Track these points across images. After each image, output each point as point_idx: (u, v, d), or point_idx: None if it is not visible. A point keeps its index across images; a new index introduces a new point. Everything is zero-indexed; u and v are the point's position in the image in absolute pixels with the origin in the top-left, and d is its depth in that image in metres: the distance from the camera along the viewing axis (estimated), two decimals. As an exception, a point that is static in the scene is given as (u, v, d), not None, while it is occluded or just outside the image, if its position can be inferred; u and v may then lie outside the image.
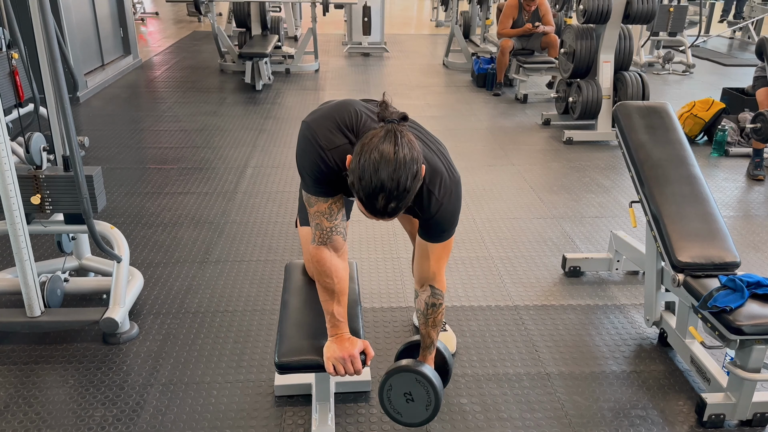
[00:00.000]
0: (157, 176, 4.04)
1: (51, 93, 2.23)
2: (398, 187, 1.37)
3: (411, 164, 1.39)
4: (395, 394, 1.67)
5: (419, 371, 1.65)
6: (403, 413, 1.69)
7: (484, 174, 4.19)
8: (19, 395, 2.09)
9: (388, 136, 1.40)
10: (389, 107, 1.48)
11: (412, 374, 1.65)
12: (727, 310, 1.89)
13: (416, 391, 1.66)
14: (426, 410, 1.67)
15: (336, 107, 1.63)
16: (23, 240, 2.17)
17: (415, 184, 1.41)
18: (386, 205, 1.38)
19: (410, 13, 14.21)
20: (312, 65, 7.44)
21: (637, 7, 4.61)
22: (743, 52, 9.19)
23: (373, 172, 1.36)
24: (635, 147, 2.40)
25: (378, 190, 1.37)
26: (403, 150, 1.38)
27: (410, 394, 1.66)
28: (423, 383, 1.65)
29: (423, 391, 1.65)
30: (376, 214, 1.42)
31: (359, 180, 1.39)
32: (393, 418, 1.71)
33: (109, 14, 6.73)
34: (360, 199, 1.42)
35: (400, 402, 1.68)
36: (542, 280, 2.90)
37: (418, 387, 1.65)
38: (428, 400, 1.66)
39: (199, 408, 2.05)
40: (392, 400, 1.68)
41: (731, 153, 4.69)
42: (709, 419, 2.01)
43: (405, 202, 1.41)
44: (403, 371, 1.65)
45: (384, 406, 1.69)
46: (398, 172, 1.36)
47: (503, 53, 6.26)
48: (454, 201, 1.64)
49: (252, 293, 2.73)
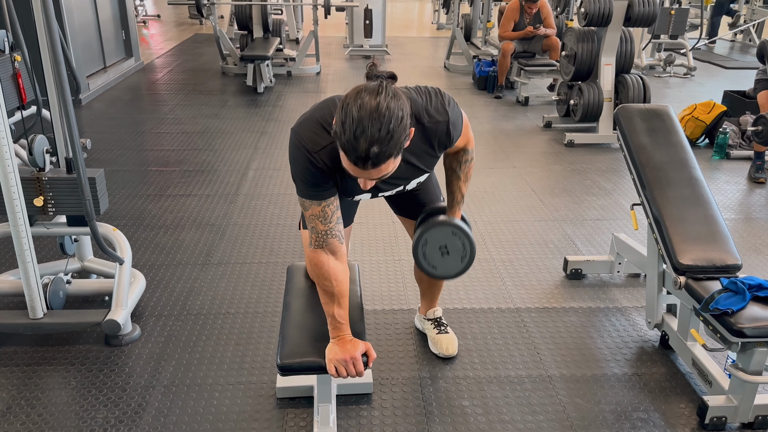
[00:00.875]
0: (158, 178, 4.05)
1: (54, 95, 2.24)
2: (380, 129, 1.36)
3: (395, 110, 1.38)
4: (431, 248, 1.74)
5: (456, 224, 1.73)
6: (438, 266, 1.76)
7: (485, 176, 4.19)
8: (22, 397, 2.09)
9: (371, 87, 1.40)
10: (377, 67, 1.49)
11: (449, 227, 1.73)
12: (729, 312, 1.89)
13: (452, 244, 1.72)
14: (461, 261, 1.74)
15: (317, 107, 1.65)
16: (26, 242, 2.18)
17: (400, 131, 1.39)
18: (369, 148, 1.36)
19: (411, 15, 14.22)
20: (313, 68, 7.45)
21: (639, 10, 4.62)
22: (744, 55, 9.19)
23: (356, 114, 1.36)
24: (637, 150, 2.41)
25: (360, 132, 1.36)
26: (387, 98, 1.38)
27: (446, 248, 1.73)
28: (459, 235, 1.72)
29: (459, 243, 1.72)
30: (360, 161, 1.39)
31: (341, 125, 1.38)
32: (428, 272, 1.77)
33: (111, 17, 6.75)
34: (343, 146, 1.40)
35: (435, 256, 1.75)
36: (543, 282, 2.90)
37: (454, 239, 1.72)
38: (463, 252, 1.72)
39: (201, 410, 2.06)
40: (427, 255, 1.74)
41: (732, 156, 4.69)
42: (711, 422, 2.01)
43: (389, 149, 1.39)
44: (440, 225, 1.72)
45: (419, 261, 1.75)
46: (380, 114, 1.36)
47: (504, 56, 6.26)
48: (454, 107, 1.68)
49: (254, 295, 2.74)
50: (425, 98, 1.65)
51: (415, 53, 9.00)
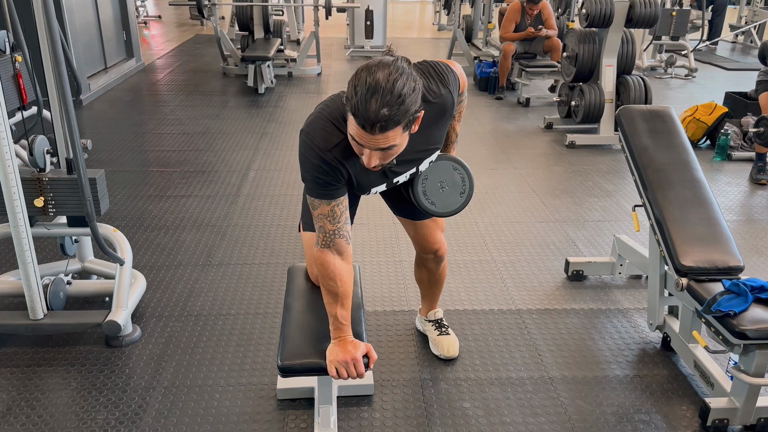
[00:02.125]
0: (159, 179, 4.04)
1: (55, 96, 2.24)
2: (393, 92, 1.37)
3: (408, 80, 1.41)
4: (430, 184, 1.75)
5: (455, 158, 1.76)
6: (437, 203, 1.77)
7: (486, 178, 4.19)
8: (22, 398, 2.09)
9: (387, 59, 1.44)
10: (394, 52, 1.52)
11: (448, 162, 1.75)
12: (731, 314, 1.88)
13: (450, 179, 1.74)
14: (460, 197, 1.77)
15: (325, 105, 1.65)
16: (26, 242, 2.17)
17: (411, 98, 1.41)
18: (379, 110, 1.37)
19: (412, 16, 14.22)
20: (314, 69, 7.45)
21: (640, 11, 4.62)
22: (746, 57, 9.19)
23: (370, 79, 1.38)
24: (638, 151, 2.40)
25: (371, 93, 1.37)
26: (401, 67, 1.41)
27: (444, 182, 1.75)
28: (459, 169, 1.74)
29: (458, 178, 1.74)
30: (368, 124, 1.39)
31: (354, 88, 1.40)
32: (427, 209, 1.79)
33: (112, 17, 6.75)
34: (353, 108, 1.41)
35: (434, 191, 1.77)
36: (545, 283, 2.90)
37: (453, 174, 1.74)
38: (462, 187, 1.74)
39: (201, 411, 2.05)
40: (427, 191, 1.75)
41: (734, 157, 4.68)
42: (713, 424, 2.00)
43: (398, 114, 1.39)
44: (439, 159, 1.74)
45: (418, 198, 1.75)
46: (394, 80, 1.38)
47: (506, 57, 6.26)
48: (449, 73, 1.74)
49: (254, 296, 2.73)
50: (427, 77, 1.69)
51: (416, 54, 9.00)
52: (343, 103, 1.47)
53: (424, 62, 1.74)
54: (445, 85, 1.71)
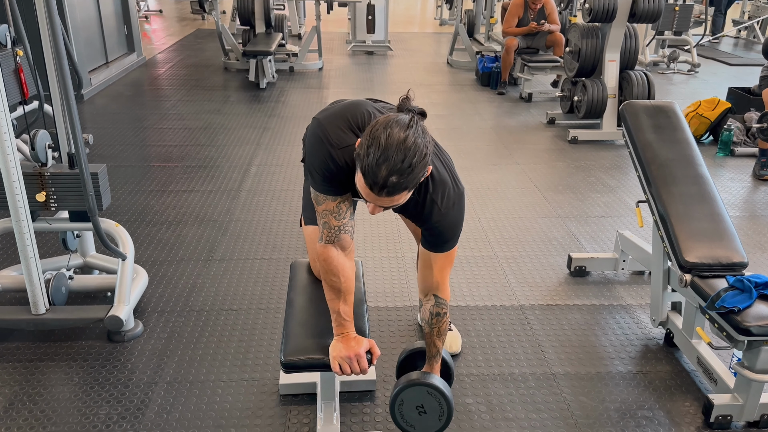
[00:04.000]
0: (161, 174, 4.04)
1: (56, 90, 2.23)
2: (404, 161, 1.37)
3: (421, 147, 1.40)
4: (407, 408, 1.68)
5: (431, 384, 1.65)
6: (417, 426, 1.70)
7: (488, 173, 4.18)
8: (24, 393, 2.09)
9: (403, 120, 1.41)
10: (410, 101, 1.50)
11: (423, 387, 1.65)
12: (735, 310, 1.88)
13: (428, 403, 1.67)
14: (439, 421, 1.68)
15: (348, 106, 1.63)
16: (28, 237, 2.17)
17: (420, 167, 1.41)
18: (388, 177, 1.37)
19: (414, 11, 14.18)
20: (316, 63, 7.43)
21: (643, 6, 4.59)
22: (749, 52, 9.15)
23: (384, 141, 1.37)
24: (642, 146, 2.39)
25: (383, 160, 1.37)
26: (416, 133, 1.40)
27: (422, 407, 1.68)
28: (435, 395, 1.65)
29: (435, 403, 1.66)
30: (376, 187, 1.40)
31: (366, 148, 1.39)
32: (406, 431, 1.71)
33: (113, 12, 6.73)
34: (362, 169, 1.41)
35: (412, 415, 1.68)
36: (547, 279, 2.89)
37: (430, 399, 1.66)
38: (441, 411, 1.67)
39: (203, 406, 2.05)
40: (404, 415, 1.69)
41: (737, 153, 4.67)
42: (716, 420, 2.00)
43: (407, 182, 1.40)
44: (414, 385, 1.66)
45: (396, 421, 1.69)
46: (407, 147, 1.38)
47: (508, 52, 6.24)
48: (457, 212, 1.66)
49: (256, 292, 2.73)
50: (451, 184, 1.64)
51: (417, 49, 8.97)
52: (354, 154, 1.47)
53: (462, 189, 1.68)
54: (449, 203, 1.65)
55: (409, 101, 1.49)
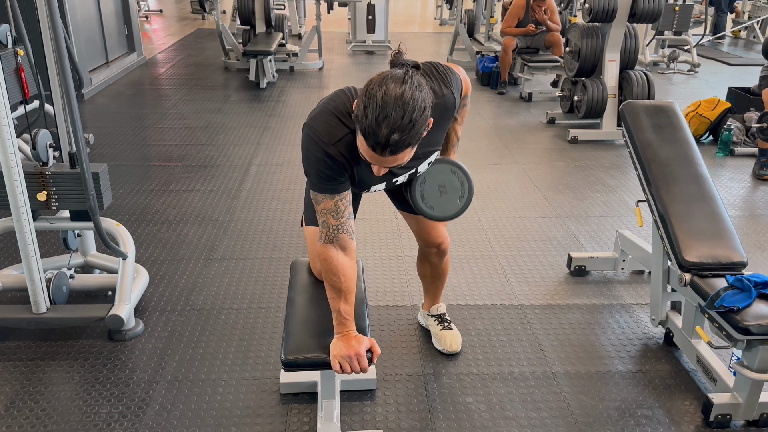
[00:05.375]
0: (161, 173, 4.04)
1: (57, 90, 2.23)
2: (403, 117, 1.36)
3: (419, 100, 1.38)
4: (429, 187, 1.70)
5: (455, 162, 1.69)
6: (436, 207, 1.72)
7: (488, 173, 4.18)
8: (25, 391, 2.09)
9: (397, 75, 1.40)
10: (403, 55, 1.48)
11: (448, 165, 1.69)
12: (735, 309, 1.88)
13: (450, 183, 1.68)
14: (459, 201, 1.70)
15: (329, 99, 1.64)
16: (29, 236, 2.17)
17: (421, 121, 1.40)
18: (389, 135, 1.37)
19: (414, 11, 14.19)
20: (316, 63, 7.43)
21: (643, 6, 4.60)
22: (749, 52, 9.16)
23: (380, 100, 1.36)
24: (642, 146, 2.39)
25: (382, 118, 1.36)
26: (412, 87, 1.38)
27: (444, 186, 1.69)
28: (458, 173, 1.68)
29: (457, 182, 1.68)
30: (379, 147, 1.39)
31: (364, 109, 1.38)
32: (425, 213, 1.73)
33: (113, 11, 6.73)
34: (363, 131, 1.40)
35: (433, 195, 1.71)
36: (547, 279, 2.90)
37: (453, 178, 1.68)
38: (462, 190, 1.68)
39: (204, 405, 2.06)
40: (425, 195, 1.70)
41: (737, 153, 4.68)
42: (716, 419, 2.00)
43: (409, 137, 1.39)
44: (439, 163, 1.68)
45: (416, 201, 1.70)
46: (405, 102, 1.36)
47: (506, 51, 6.25)
48: (452, 75, 1.72)
49: (257, 291, 2.73)
50: (430, 77, 1.67)
51: (418, 49, 8.97)
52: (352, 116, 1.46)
53: (427, 63, 1.72)
54: (447, 85, 1.70)
55: (402, 55, 1.48)
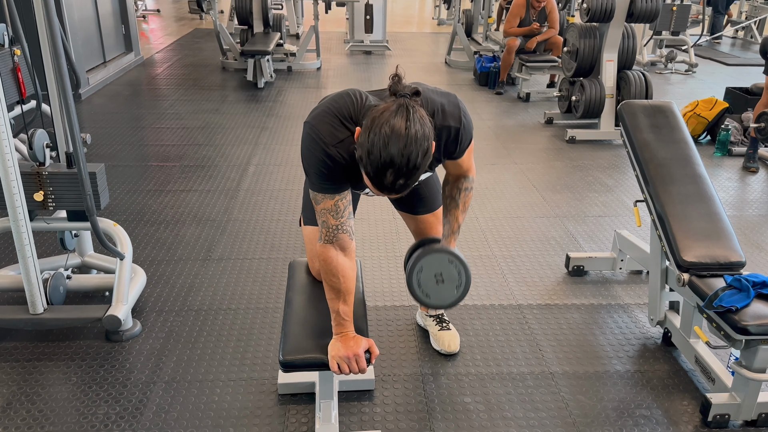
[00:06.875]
0: (159, 174, 4.03)
1: (54, 90, 2.23)
2: (408, 164, 1.36)
3: (422, 140, 1.37)
4: (425, 276, 1.69)
5: (452, 252, 1.68)
6: (432, 295, 1.71)
7: (486, 173, 4.18)
8: (22, 392, 2.09)
9: (400, 111, 1.38)
10: (402, 81, 1.46)
11: (445, 255, 1.68)
12: (733, 309, 1.88)
13: (447, 272, 1.67)
14: (456, 291, 1.69)
15: (333, 100, 1.63)
16: (26, 237, 2.17)
17: (425, 161, 1.39)
18: (394, 181, 1.37)
19: (412, 11, 14.18)
20: (314, 63, 7.42)
21: (641, 6, 4.60)
22: (746, 52, 9.17)
23: (383, 147, 1.35)
24: (640, 146, 2.39)
25: (387, 166, 1.35)
26: (414, 125, 1.37)
27: (441, 275, 1.68)
28: (455, 263, 1.67)
29: (454, 272, 1.67)
30: (384, 190, 1.40)
31: (368, 154, 1.37)
32: (421, 301, 1.73)
33: (110, 11, 6.72)
34: (367, 174, 1.40)
35: (429, 284, 1.69)
36: (546, 279, 2.90)
37: (450, 267, 1.67)
38: (459, 280, 1.67)
39: (202, 406, 2.05)
40: (422, 283, 1.69)
41: (734, 152, 4.68)
42: (714, 419, 2.00)
43: (413, 179, 1.40)
44: (436, 252, 1.68)
45: (413, 289, 1.69)
46: (409, 148, 1.35)
47: (509, 52, 6.25)
48: (468, 119, 1.68)
49: (255, 291, 2.73)
50: (444, 99, 1.65)
51: (415, 49, 8.97)
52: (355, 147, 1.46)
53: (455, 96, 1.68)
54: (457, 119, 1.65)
55: (400, 81, 1.46)
